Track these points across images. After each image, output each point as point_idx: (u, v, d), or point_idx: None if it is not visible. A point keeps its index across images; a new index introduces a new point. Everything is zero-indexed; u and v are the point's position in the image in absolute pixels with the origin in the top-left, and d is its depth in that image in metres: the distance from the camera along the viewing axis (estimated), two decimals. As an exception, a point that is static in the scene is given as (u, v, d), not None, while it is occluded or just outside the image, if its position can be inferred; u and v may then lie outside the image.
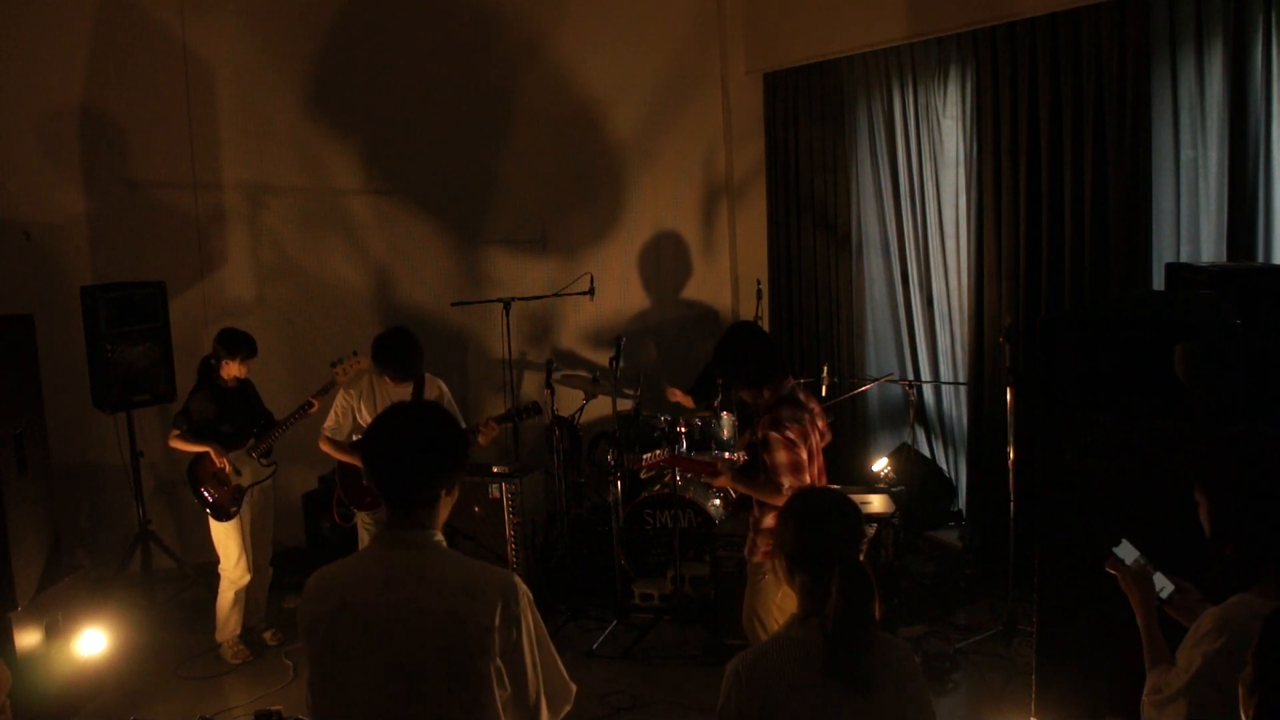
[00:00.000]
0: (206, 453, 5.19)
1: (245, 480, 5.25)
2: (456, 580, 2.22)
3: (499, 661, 2.18)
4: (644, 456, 4.69)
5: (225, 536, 5.25)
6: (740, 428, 5.84)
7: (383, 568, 2.26)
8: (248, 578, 5.29)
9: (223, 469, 5.20)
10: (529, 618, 2.24)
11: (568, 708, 2.37)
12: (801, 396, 4.02)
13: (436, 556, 2.27)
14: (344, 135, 6.85)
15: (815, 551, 2.26)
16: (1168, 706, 2.20)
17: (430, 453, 2.27)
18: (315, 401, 5.25)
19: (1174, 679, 2.19)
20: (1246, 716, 1.70)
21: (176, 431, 5.25)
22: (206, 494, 5.25)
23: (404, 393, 5.08)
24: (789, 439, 3.85)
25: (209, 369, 5.31)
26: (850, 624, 2.15)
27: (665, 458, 4.63)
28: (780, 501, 3.88)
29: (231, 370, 5.24)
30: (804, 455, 3.89)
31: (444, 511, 2.32)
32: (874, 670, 2.17)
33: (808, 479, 3.89)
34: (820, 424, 4.09)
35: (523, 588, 2.25)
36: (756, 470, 3.98)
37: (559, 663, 2.35)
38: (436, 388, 5.26)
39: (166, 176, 6.51)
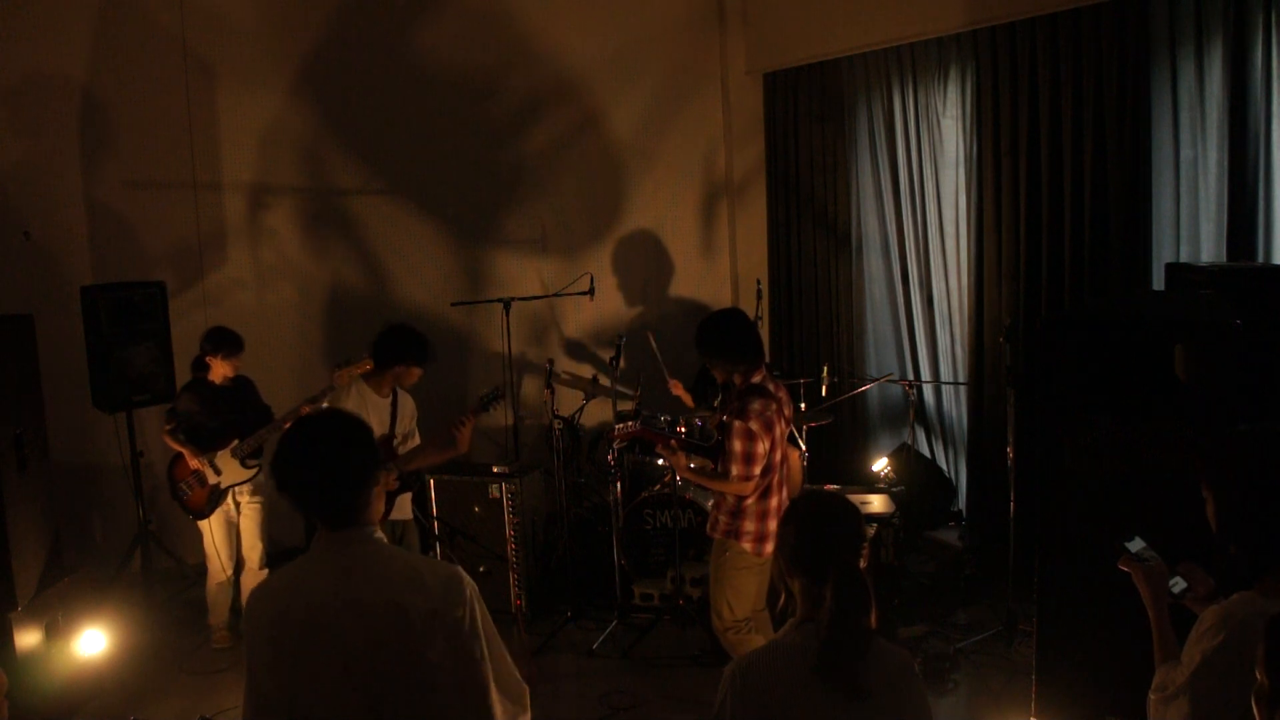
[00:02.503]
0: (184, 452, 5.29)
1: (225, 481, 5.29)
2: (397, 571, 2.23)
3: (446, 650, 2.16)
4: (617, 427, 4.75)
5: (205, 534, 5.37)
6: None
7: (324, 568, 2.24)
8: (223, 576, 5.40)
9: (199, 469, 5.25)
10: (476, 609, 2.23)
11: (525, 716, 2.33)
12: (771, 386, 4.15)
13: (376, 550, 2.26)
14: (344, 135, 6.85)
15: (813, 554, 2.25)
16: (1172, 703, 2.21)
17: (349, 459, 2.24)
18: (305, 409, 5.19)
19: (1178, 675, 2.20)
20: None
21: (168, 428, 5.33)
22: (183, 492, 5.34)
23: (387, 405, 4.87)
24: (749, 430, 3.99)
25: (200, 367, 5.35)
26: (844, 629, 2.14)
27: (637, 429, 4.66)
28: (729, 488, 4.09)
29: (219, 369, 5.25)
30: (761, 448, 4.02)
31: (378, 505, 2.31)
32: (870, 676, 2.17)
33: (758, 469, 4.04)
34: (787, 411, 4.23)
35: (468, 579, 2.25)
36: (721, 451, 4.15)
37: (509, 660, 2.33)
38: (410, 404, 5.04)
39: (166, 176, 6.51)
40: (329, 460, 2.23)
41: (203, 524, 5.35)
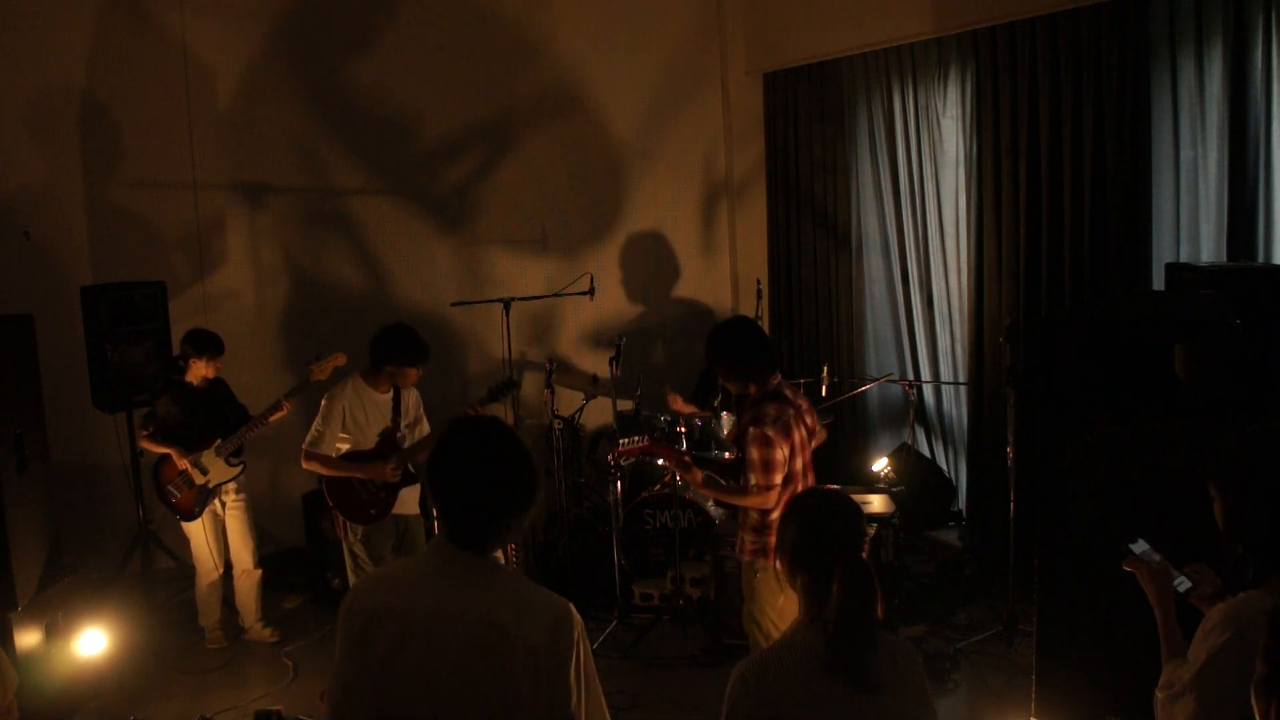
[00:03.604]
0: (170, 454, 5.28)
1: (211, 480, 5.30)
2: (507, 594, 2.13)
3: (541, 685, 2.06)
4: (620, 442, 4.66)
5: (193, 535, 5.39)
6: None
7: (433, 577, 2.17)
8: (214, 575, 5.43)
9: (185, 470, 5.26)
10: (580, 650, 2.13)
11: None
12: (788, 393, 3.98)
13: (490, 571, 2.17)
14: (344, 135, 6.84)
15: (816, 551, 2.26)
16: (1178, 700, 2.21)
17: (517, 494, 2.15)
18: (286, 403, 5.22)
19: (1184, 673, 2.20)
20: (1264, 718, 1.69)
21: (145, 433, 5.33)
22: (171, 495, 5.34)
23: (387, 400, 4.92)
24: (766, 436, 3.81)
25: (176, 369, 5.36)
26: (853, 623, 2.15)
27: (645, 445, 4.62)
28: (749, 501, 3.90)
29: (199, 370, 5.26)
30: (780, 454, 3.83)
31: (509, 536, 2.20)
32: (879, 669, 2.17)
33: (779, 478, 3.85)
34: (809, 420, 4.04)
35: (578, 618, 2.14)
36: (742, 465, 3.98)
37: (605, 709, 2.24)
38: (414, 397, 5.07)
39: (166, 176, 6.51)
40: (482, 480, 2.12)
41: (192, 525, 5.35)
